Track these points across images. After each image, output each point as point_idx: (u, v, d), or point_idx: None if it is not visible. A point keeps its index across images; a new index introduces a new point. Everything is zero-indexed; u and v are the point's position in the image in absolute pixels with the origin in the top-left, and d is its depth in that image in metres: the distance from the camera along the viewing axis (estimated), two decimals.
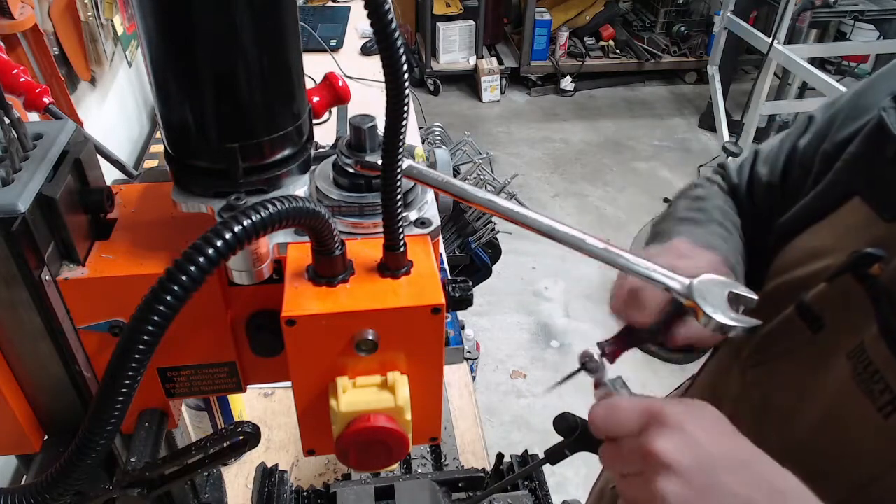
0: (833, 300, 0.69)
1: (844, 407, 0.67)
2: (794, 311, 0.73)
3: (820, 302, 0.70)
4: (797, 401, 0.73)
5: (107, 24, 1.70)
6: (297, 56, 0.50)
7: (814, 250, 0.73)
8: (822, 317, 0.70)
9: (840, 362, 0.67)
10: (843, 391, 0.67)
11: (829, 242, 0.72)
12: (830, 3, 4.03)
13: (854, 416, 0.66)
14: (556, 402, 2.84)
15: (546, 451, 0.73)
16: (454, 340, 1.62)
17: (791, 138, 0.86)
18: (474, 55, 5.05)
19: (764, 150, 0.90)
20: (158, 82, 0.48)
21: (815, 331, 0.71)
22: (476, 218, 2.47)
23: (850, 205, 0.70)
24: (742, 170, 0.92)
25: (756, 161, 0.90)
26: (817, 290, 0.70)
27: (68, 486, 0.46)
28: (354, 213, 0.55)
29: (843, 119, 0.77)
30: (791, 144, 0.85)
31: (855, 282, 0.66)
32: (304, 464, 1.23)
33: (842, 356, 0.67)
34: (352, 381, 0.52)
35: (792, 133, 0.86)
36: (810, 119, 0.84)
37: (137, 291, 0.41)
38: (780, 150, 0.87)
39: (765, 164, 0.88)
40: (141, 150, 2.14)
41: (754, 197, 0.89)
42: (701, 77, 5.20)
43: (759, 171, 0.88)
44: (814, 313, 0.71)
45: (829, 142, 0.77)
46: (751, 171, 0.90)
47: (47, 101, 0.68)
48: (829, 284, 0.69)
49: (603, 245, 0.57)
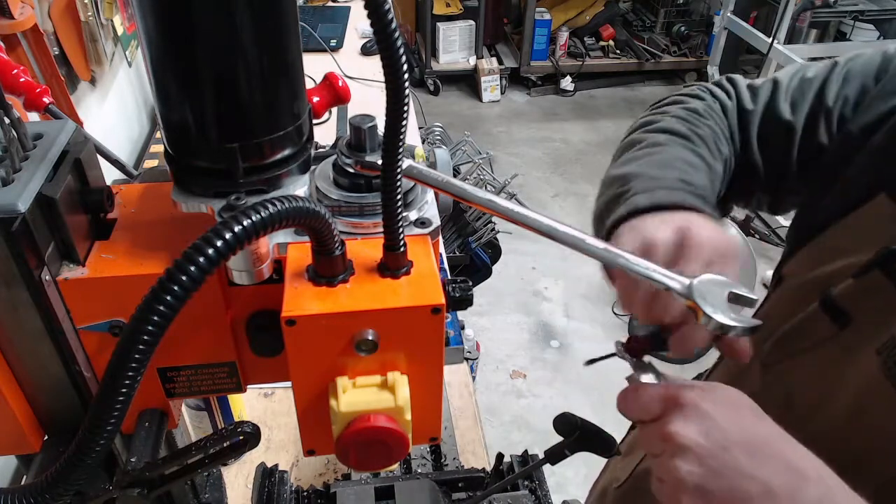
0: (861, 296, 0.69)
1: (874, 401, 0.67)
2: (819, 307, 0.72)
3: (847, 297, 0.70)
4: (822, 396, 0.72)
5: (107, 24, 1.70)
6: (297, 56, 0.50)
7: (839, 247, 0.73)
8: (849, 312, 0.70)
9: (869, 357, 0.67)
10: (872, 386, 0.67)
11: (855, 239, 0.71)
12: (830, 3, 4.03)
13: (884, 411, 0.66)
14: (557, 402, 2.84)
15: (546, 451, 0.73)
16: (454, 340, 1.62)
17: (816, 84, 0.80)
18: (474, 55, 5.05)
19: (783, 83, 0.84)
20: (158, 82, 0.48)
21: (842, 326, 0.71)
22: (476, 218, 2.47)
23: (875, 201, 0.70)
24: (758, 96, 0.85)
25: (776, 93, 0.83)
26: (844, 286, 0.70)
27: (68, 486, 0.46)
28: (354, 213, 0.55)
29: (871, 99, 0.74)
30: (817, 92, 0.79)
31: (884, 278, 0.66)
32: (304, 464, 1.23)
33: (870, 351, 0.67)
34: (352, 381, 0.52)
35: (817, 78, 0.81)
36: (834, 66, 0.80)
37: (137, 291, 0.41)
38: (802, 92, 0.81)
39: (786, 100, 0.82)
40: (141, 150, 2.14)
41: (765, 128, 0.83)
42: (701, 77, 5.20)
43: (780, 106, 0.82)
44: (840, 309, 0.70)
45: (855, 122, 0.75)
46: (769, 101, 0.84)
47: (47, 101, 0.68)
48: (856, 280, 0.69)
49: (603, 245, 0.57)
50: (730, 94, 0.88)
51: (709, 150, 0.80)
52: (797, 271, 0.79)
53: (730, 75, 0.91)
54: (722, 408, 0.55)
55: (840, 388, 0.69)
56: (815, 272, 0.75)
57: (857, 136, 0.74)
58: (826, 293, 0.71)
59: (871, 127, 0.73)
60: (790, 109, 0.81)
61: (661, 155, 0.78)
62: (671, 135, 0.81)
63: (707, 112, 0.85)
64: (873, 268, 0.67)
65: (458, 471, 1.14)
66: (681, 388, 0.58)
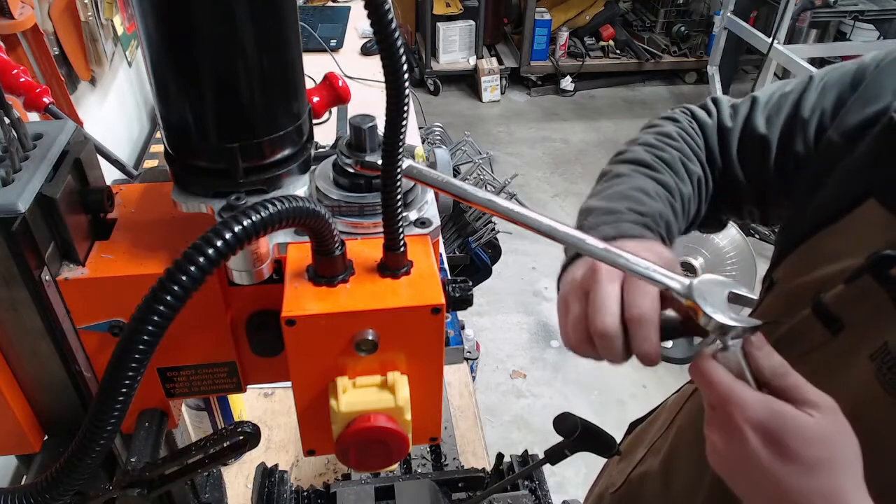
0: (852, 301, 0.69)
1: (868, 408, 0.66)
2: (811, 313, 0.72)
3: (838, 303, 0.70)
4: None
5: (107, 24, 1.70)
6: (297, 56, 0.50)
7: (829, 253, 0.73)
8: (841, 318, 0.70)
9: (861, 363, 0.67)
10: (866, 392, 0.67)
11: (846, 244, 0.71)
12: (830, 3, 4.03)
13: (879, 417, 0.66)
14: (557, 402, 2.85)
15: (546, 451, 0.73)
16: (454, 340, 1.62)
17: (792, 97, 0.83)
18: (474, 55, 5.05)
19: (761, 100, 0.87)
20: (158, 82, 0.48)
21: (834, 332, 0.71)
22: (476, 218, 2.47)
23: (865, 206, 0.70)
24: (737, 114, 0.88)
25: (754, 110, 0.86)
26: (835, 292, 0.70)
27: (68, 486, 0.46)
28: (354, 213, 0.55)
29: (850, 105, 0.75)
30: (792, 105, 0.82)
31: (875, 283, 0.66)
32: (304, 464, 1.23)
33: (863, 357, 0.67)
34: (352, 381, 0.52)
35: (793, 91, 0.83)
36: (810, 80, 0.82)
37: (137, 291, 0.41)
38: (779, 107, 0.83)
39: (763, 115, 0.85)
40: (141, 150, 2.14)
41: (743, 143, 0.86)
42: (701, 77, 5.20)
43: (757, 121, 0.85)
44: (832, 314, 0.70)
45: (835, 129, 0.76)
46: (747, 117, 0.87)
47: (47, 101, 0.68)
48: (847, 286, 0.69)
49: (603, 245, 0.57)
50: (711, 114, 0.91)
51: (673, 173, 0.84)
52: (788, 276, 0.79)
53: (714, 96, 0.94)
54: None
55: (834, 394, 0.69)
56: (806, 277, 0.75)
57: (839, 144, 0.75)
58: (818, 299, 0.71)
59: (852, 133, 0.74)
60: (765, 124, 0.84)
61: (618, 187, 0.82)
62: (634, 164, 0.85)
63: (678, 135, 0.88)
64: (864, 273, 0.67)
65: (458, 471, 1.14)
66: (792, 421, 0.55)
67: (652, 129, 0.91)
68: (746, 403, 0.55)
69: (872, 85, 0.75)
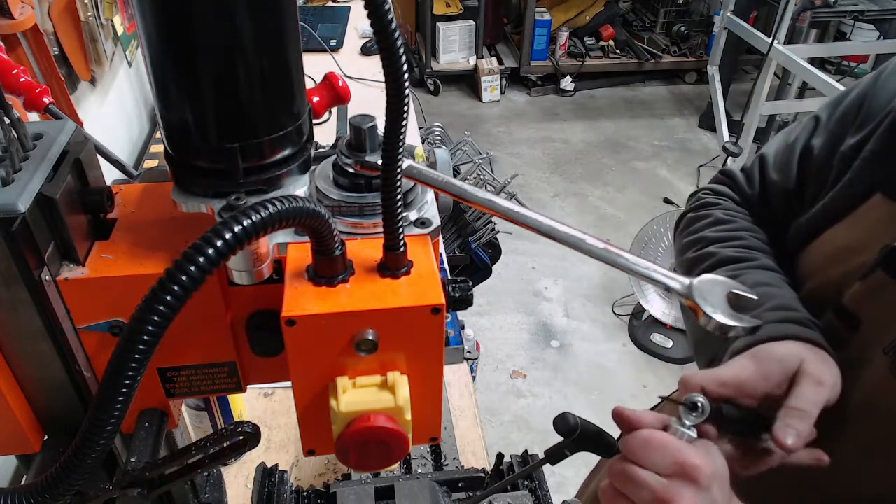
0: (868, 297, 0.70)
1: (883, 402, 0.67)
2: (834, 316, 0.73)
3: (855, 300, 0.71)
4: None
5: (107, 24, 1.70)
6: (297, 56, 0.50)
7: (841, 249, 0.74)
8: (859, 315, 0.71)
9: (877, 358, 0.68)
10: (880, 386, 0.68)
11: (856, 240, 0.72)
12: (830, 3, 4.02)
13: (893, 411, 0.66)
14: (557, 402, 2.85)
15: (546, 451, 0.73)
16: (454, 340, 1.62)
17: (801, 141, 0.84)
18: (474, 55, 5.05)
19: (770, 155, 0.88)
20: (158, 82, 0.48)
21: (853, 329, 0.71)
22: (476, 218, 2.47)
23: (871, 202, 0.71)
24: (752, 178, 0.90)
25: (765, 168, 0.88)
26: (853, 290, 0.71)
27: (68, 486, 0.46)
28: (354, 213, 0.55)
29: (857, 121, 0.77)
30: (802, 147, 0.83)
31: (887, 276, 0.67)
32: (304, 464, 1.23)
33: (878, 352, 0.68)
34: (352, 381, 0.52)
35: (800, 136, 0.85)
36: (817, 120, 0.83)
37: (137, 291, 0.41)
38: (790, 155, 0.85)
39: (776, 170, 0.86)
40: (141, 150, 2.14)
41: (770, 205, 0.88)
42: (701, 77, 5.20)
43: (772, 177, 0.87)
44: (850, 312, 0.71)
45: (846, 145, 0.77)
46: (761, 178, 0.89)
47: (47, 101, 0.68)
48: (862, 282, 0.69)
49: (603, 245, 0.57)
50: (732, 188, 0.93)
51: (764, 251, 0.83)
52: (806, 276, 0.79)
53: (722, 168, 0.96)
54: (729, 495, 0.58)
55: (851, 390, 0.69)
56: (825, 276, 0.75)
57: (849, 154, 0.76)
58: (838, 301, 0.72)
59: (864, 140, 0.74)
60: (782, 177, 0.85)
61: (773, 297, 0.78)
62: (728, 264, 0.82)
63: (729, 216, 0.89)
64: (877, 268, 0.67)
65: (458, 471, 1.14)
66: (700, 459, 0.58)
67: (702, 221, 0.90)
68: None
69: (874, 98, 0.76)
